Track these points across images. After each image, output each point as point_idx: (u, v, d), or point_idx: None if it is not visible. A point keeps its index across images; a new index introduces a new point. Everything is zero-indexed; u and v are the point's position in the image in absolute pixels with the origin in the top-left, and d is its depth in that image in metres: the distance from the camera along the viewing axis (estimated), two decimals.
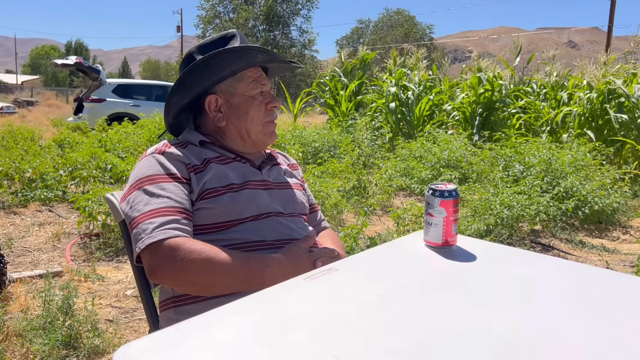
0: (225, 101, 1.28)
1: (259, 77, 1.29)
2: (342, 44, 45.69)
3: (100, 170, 5.20)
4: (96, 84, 11.19)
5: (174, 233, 1.06)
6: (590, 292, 0.87)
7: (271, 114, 1.31)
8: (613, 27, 19.04)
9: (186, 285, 1.09)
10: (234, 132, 1.29)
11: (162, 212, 1.09)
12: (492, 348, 0.65)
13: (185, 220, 1.11)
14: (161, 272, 1.05)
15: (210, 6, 39.03)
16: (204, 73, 1.24)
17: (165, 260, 1.04)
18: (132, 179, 1.18)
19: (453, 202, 1.02)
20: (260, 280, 1.05)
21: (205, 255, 1.04)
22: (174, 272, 1.05)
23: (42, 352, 2.03)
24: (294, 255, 1.13)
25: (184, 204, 1.13)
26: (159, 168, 1.17)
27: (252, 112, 1.27)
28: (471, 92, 8.98)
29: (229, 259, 1.06)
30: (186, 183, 1.17)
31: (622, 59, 8.63)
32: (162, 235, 1.05)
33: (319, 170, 5.41)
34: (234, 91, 1.27)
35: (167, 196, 1.12)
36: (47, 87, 48.47)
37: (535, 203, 4.18)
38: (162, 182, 1.14)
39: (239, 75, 1.27)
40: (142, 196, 1.13)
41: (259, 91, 1.28)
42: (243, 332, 0.68)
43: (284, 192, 1.29)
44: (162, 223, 1.07)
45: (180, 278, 1.06)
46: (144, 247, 1.06)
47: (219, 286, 1.07)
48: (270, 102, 1.30)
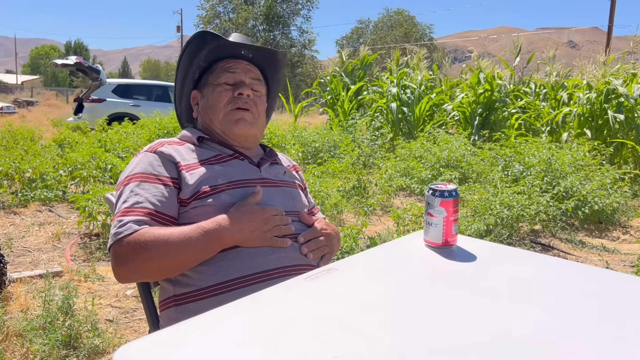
0: (201, 94, 1.33)
1: (230, 66, 1.30)
2: (342, 44, 45.62)
3: (100, 170, 5.20)
4: (96, 84, 11.19)
5: (134, 228, 1.07)
6: (590, 292, 0.87)
7: (237, 101, 1.27)
8: (613, 27, 19.04)
9: (151, 274, 1.12)
10: (203, 122, 1.32)
11: (134, 212, 1.10)
12: (492, 348, 0.65)
13: (155, 222, 1.11)
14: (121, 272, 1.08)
15: (210, 6, 39.03)
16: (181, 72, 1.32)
17: (122, 260, 1.06)
18: (122, 175, 1.21)
19: (453, 202, 1.02)
20: (219, 242, 1.08)
21: (159, 240, 1.05)
22: (134, 267, 1.06)
23: (42, 352, 2.03)
24: (245, 209, 1.12)
25: (159, 206, 1.12)
26: (146, 167, 1.18)
27: (213, 99, 1.28)
28: (471, 92, 8.98)
29: (182, 235, 1.06)
30: (172, 185, 1.17)
31: (622, 58, 8.63)
32: (124, 232, 1.07)
33: (319, 170, 5.41)
34: (206, 82, 1.32)
35: (144, 195, 1.13)
36: (47, 87, 48.46)
37: (535, 203, 4.18)
38: (144, 182, 1.15)
39: (212, 68, 1.32)
40: (125, 193, 1.15)
41: (225, 80, 1.28)
42: (243, 332, 0.68)
43: (283, 190, 1.28)
44: (130, 221, 1.08)
45: (143, 270, 1.08)
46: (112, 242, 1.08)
47: (183, 262, 1.08)
48: (237, 89, 1.27)
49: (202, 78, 1.34)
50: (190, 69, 1.31)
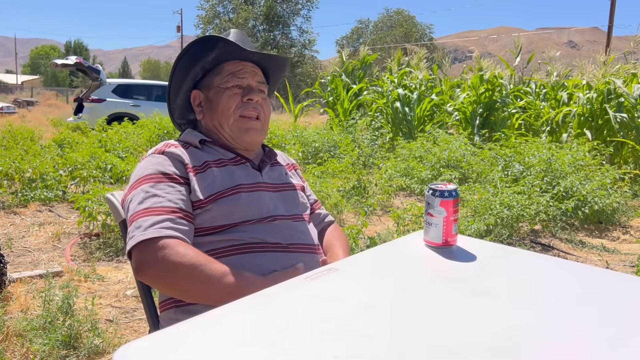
0: (205, 95, 1.31)
1: (238, 70, 1.28)
2: (342, 44, 45.60)
3: (100, 170, 5.20)
4: (96, 84, 11.20)
5: (167, 233, 1.05)
6: (590, 292, 0.87)
7: (247, 106, 1.27)
8: (613, 27, 19.03)
9: (169, 288, 1.08)
10: (209, 125, 1.30)
11: (155, 211, 1.09)
12: (492, 348, 0.65)
13: (179, 219, 1.10)
14: (147, 270, 1.05)
15: (210, 6, 39.01)
16: (181, 70, 1.29)
17: (153, 259, 1.03)
18: (132, 180, 1.19)
19: (453, 202, 1.02)
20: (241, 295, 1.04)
21: (193, 262, 1.02)
22: (160, 272, 1.03)
23: (42, 352, 2.03)
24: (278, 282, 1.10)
25: (179, 204, 1.12)
26: (157, 168, 1.17)
27: (222, 104, 1.27)
28: (472, 92, 8.98)
29: (215, 271, 1.03)
30: (184, 183, 1.16)
31: (622, 58, 8.63)
32: (154, 233, 1.05)
33: (319, 170, 5.41)
34: (211, 85, 1.29)
35: (162, 196, 1.12)
36: (47, 87, 48.43)
37: (535, 203, 4.18)
38: (159, 182, 1.14)
39: (218, 69, 1.29)
40: (139, 195, 1.13)
41: (234, 84, 1.27)
42: (243, 332, 0.68)
43: (285, 194, 1.28)
44: (155, 222, 1.06)
45: (165, 279, 1.05)
46: (135, 244, 1.05)
47: (201, 295, 1.05)
48: (246, 95, 1.27)
49: (204, 78, 1.31)
50: (193, 69, 1.29)
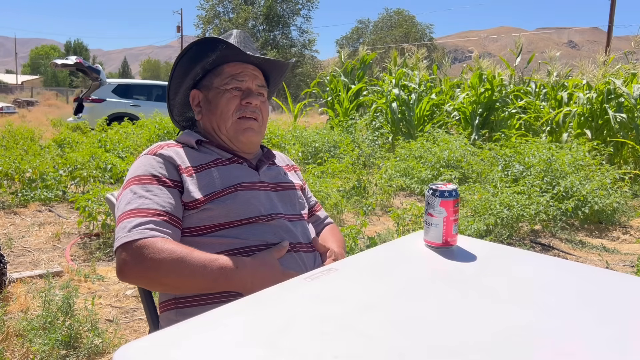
0: (204, 96, 1.31)
1: (239, 73, 1.28)
2: (342, 44, 45.61)
3: (100, 170, 5.20)
4: (96, 84, 11.20)
5: (149, 234, 1.06)
6: (590, 292, 0.87)
7: (245, 110, 1.27)
8: (613, 27, 19.03)
9: (154, 285, 1.11)
10: (207, 126, 1.31)
11: (141, 213, 1.09)
12: (492, 348, 0.65)
13: (164, 222, 1.10)
14: (129, 272, 1.06)
15: (210, 6, 39.00)
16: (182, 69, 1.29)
17: (133, 259, 1.04)
18: (125, 180, 1.20)
19: (453, 202, 1.02)
20: (229, 283, 1.05)
21: (175, 256, 1.03)
22: (143, 271, 1.04)
23: (42, 352, 2.03)
24: (265, 262, 1.10)
25: (165, 207, 1.12)
26: (148, 169, 1.17)
27: (221, 106, 1.27)
28: (471, 92, 8.98)
29: (198, 260, 1.04)
30: (174, 187, 1.16)
31: (622, 58, 8.63)
32: (137, 235, 1.05)
33: (319, 170, 5.41)
34: (211, 85, 1.30)
35: (149, 198, 1.12)
36: (47, 87, 48.42)
37: (535, 203, 4.18)
38: (147, 184, 1.15)
39: (218, 70, 1.29)
40: (127, 195, 1.14)
41: (234, 86, 1.27)
42: (243, 332, 0.68)
43: (282, 194, 1.28)
44: (139, 223, 1.07)
45: (148, 278, 1.07)
46: (117, 246, 1.07)
47: (187, 287, 1.07)
48: (245, 98, 1.27)
49: (204, 78, 1.31)
50: (194, 69, 1.29)
